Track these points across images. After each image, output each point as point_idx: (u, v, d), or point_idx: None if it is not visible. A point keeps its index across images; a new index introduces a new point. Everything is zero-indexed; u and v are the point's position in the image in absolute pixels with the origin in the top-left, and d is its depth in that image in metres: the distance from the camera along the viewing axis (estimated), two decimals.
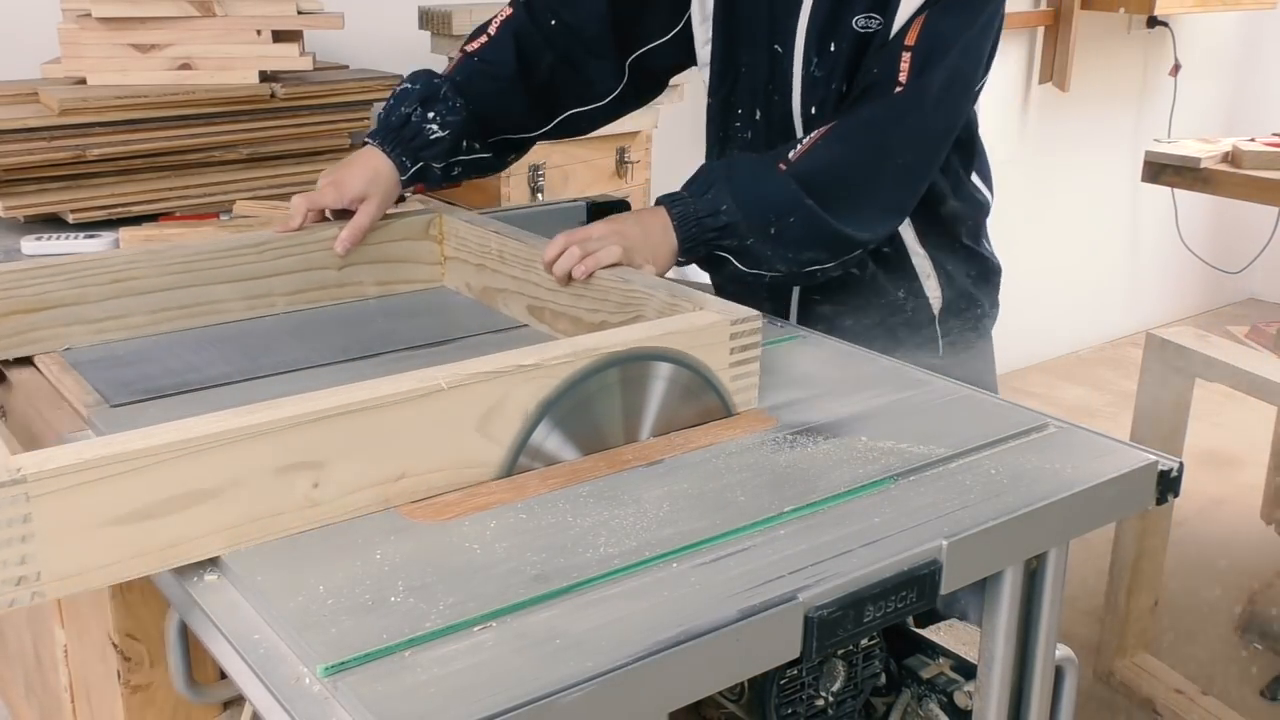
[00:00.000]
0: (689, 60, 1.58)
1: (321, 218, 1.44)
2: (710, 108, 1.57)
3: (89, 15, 1.77)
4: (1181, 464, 1.06)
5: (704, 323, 1.09)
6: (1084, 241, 4.18)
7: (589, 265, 1.25)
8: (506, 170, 2.23)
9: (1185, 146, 2.93)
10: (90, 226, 1.72)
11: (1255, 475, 3.03)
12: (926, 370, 1.28)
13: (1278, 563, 2.76)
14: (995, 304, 1.66)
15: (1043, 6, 3.75)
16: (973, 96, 1.43)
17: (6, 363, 1.26)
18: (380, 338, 1.34)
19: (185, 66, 1.82)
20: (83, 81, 1.80)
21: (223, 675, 0.97)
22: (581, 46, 1.54)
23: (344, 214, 1.43)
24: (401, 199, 1.53)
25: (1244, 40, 4.46)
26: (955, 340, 1.58)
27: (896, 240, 1.51)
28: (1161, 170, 2.89)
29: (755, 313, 1.12)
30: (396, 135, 1.45)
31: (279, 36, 1.85)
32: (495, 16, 1.55)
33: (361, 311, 1.43)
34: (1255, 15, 4.33)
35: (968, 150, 1.54)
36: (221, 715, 1.14)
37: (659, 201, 1.34)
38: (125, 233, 1.63)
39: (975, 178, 1.57)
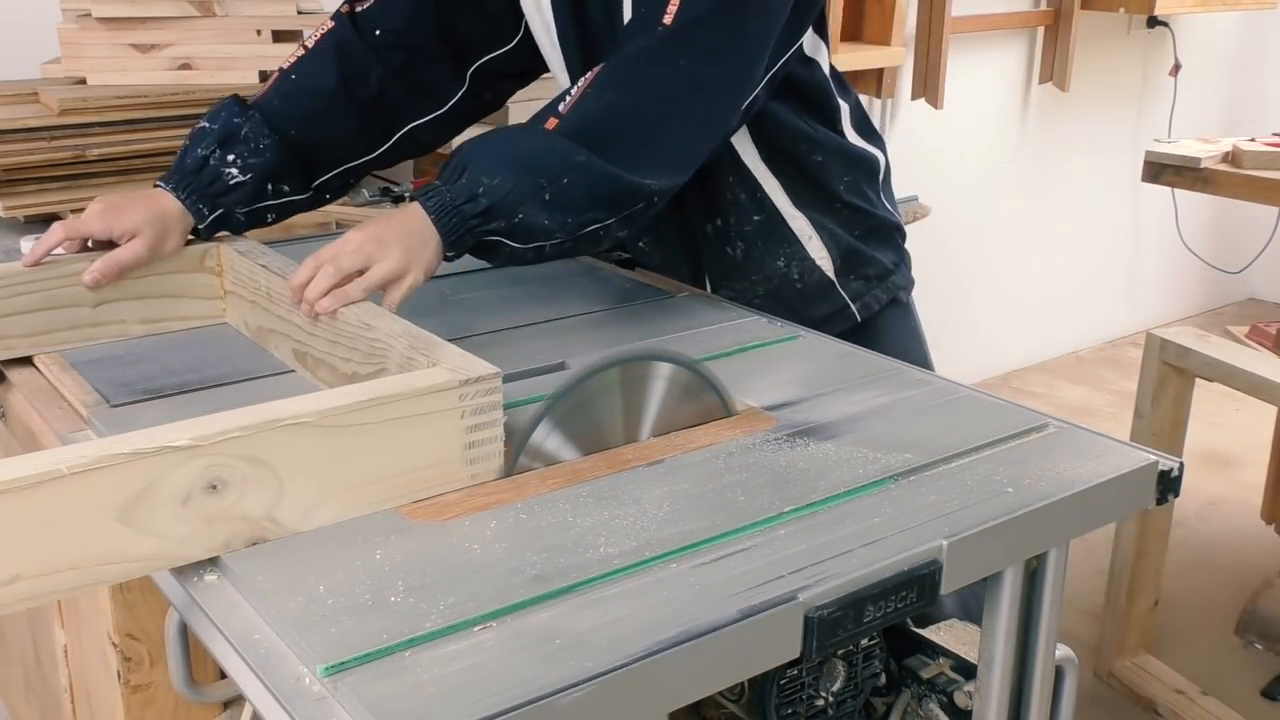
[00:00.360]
0: (537, 66, 1.52)
1: (83, 247, 1.29)
2: None
3: (89, 15, 1.77)
4: (1181, 464, 1.06)
5: (424, 384, 0.94)
6: (1084, 241, 4.18)
7: (331, 302, 1.13)
8: None
9: (1185, 146, 2.93)
10: None
11: (1255, 475, 3.03)
12: (925, 370, 1.28)
13: (1278, 563, 2.76)
14: (902, 263, 1.58)
15: (1043, 6, 3.75)
16: (767, 46, 1.31)
17: (6, 362, 1.26)
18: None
19: (185, 66, 1.82)
20: (83, 81, 1.80)
21: (223, 675, 0.97)
22: (412, 56, 1.45)
23: (107, 246, 1.28)
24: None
25: (1244, 40, 4.46)
26: (870, 303, 1.53)
27: (767, 206, 1.45)
28: (1161, 170, 2.88)
29: (494, 370, 0.98)
30: (192, 180, 1.33)
31: (279, 36, 1.85)
32: (317, 29, 1.45)
33: None
34: (1255, 15, 4.33)
35: (821, 105, 1.46)
36: (221, 715, 1.14)
37: (413, 197, 1.21)
38: None
39: (852, 134, 1.50)
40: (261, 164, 1.36)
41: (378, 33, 1.44)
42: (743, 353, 1.30)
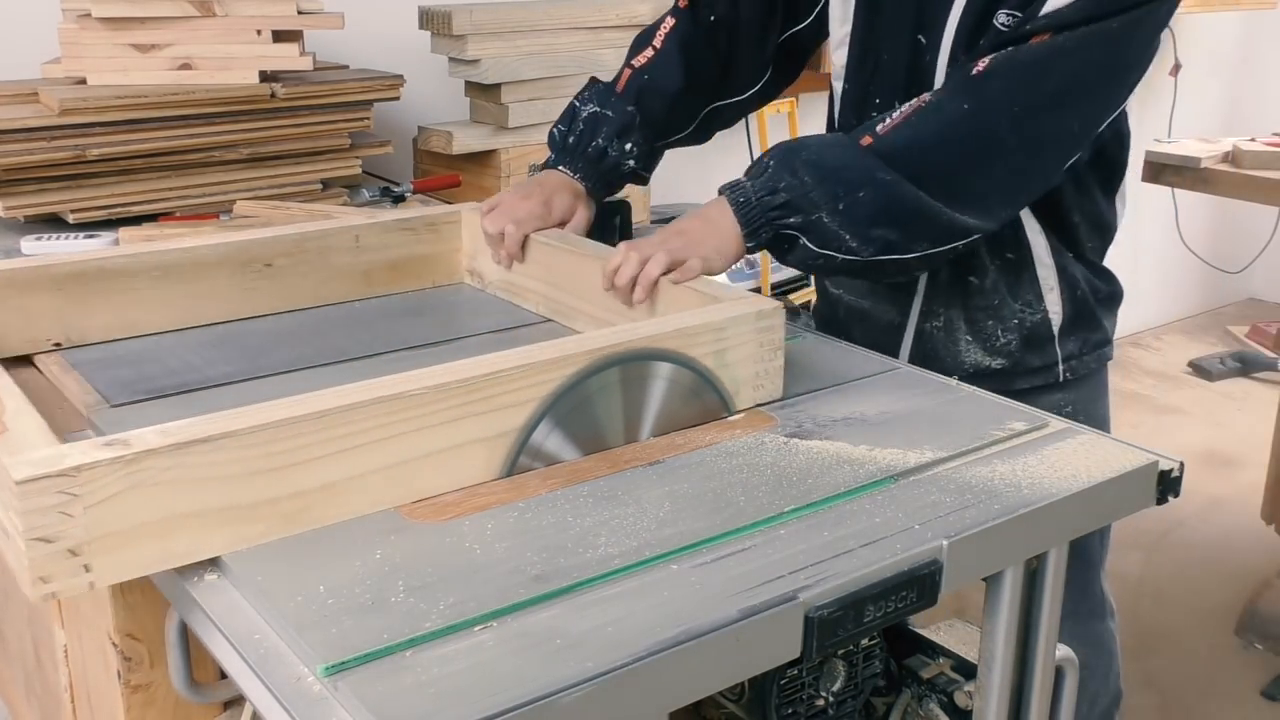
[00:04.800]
0: (823, 33, 1.56)
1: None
2: (845, 94, 1.52)
3: (89, 15, 1.77)
4: (1182, 464, 1.06)
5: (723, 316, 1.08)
6: None
7: (640, 293, 1.25)
8: (506, 171, 2.24)
9: (1185, 146, 2.93)
10: (90, 226, 1.72)
11: (1255, 475, 3.03)
12: (924, 370, 1.28)
13: (1278, 563, 2.76)
14: (1112, 335, 1.58)
15: None
16: (1110, 112, 1.34)
17: (6, 362, 1.26)
18: (379, 338, 1.34)
19: (185, 66, 1.82)
20: (83, 81, 1.80)
21: (223, 675, 0.97)
22: (733, 39, 1.54)
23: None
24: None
25: (1244, 40, 4.46)
26: (1078, 369, 1.51)
27: (1024, 248, 1.44)
28: (1162, 170, 2.88)
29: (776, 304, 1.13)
30: (594, 168, 1.48)
31: (279, 36, 1.85)
32: (659, 27, 1.55)
33: (361, 312, 1.43)
34: (1255, 15, 4.33)
35: (1112, 169, 1.48)
36: (222, 715, 1.14)
37: (720, 191, 1.32)
38: (125, 233, 1.63)
39: (1114, 200, 1.53)
40: (642, 153, 1.52)
41: (711, 18, 1.53)
42: None
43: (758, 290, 2.82)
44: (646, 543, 0.89)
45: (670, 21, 1.54)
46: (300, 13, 1.86)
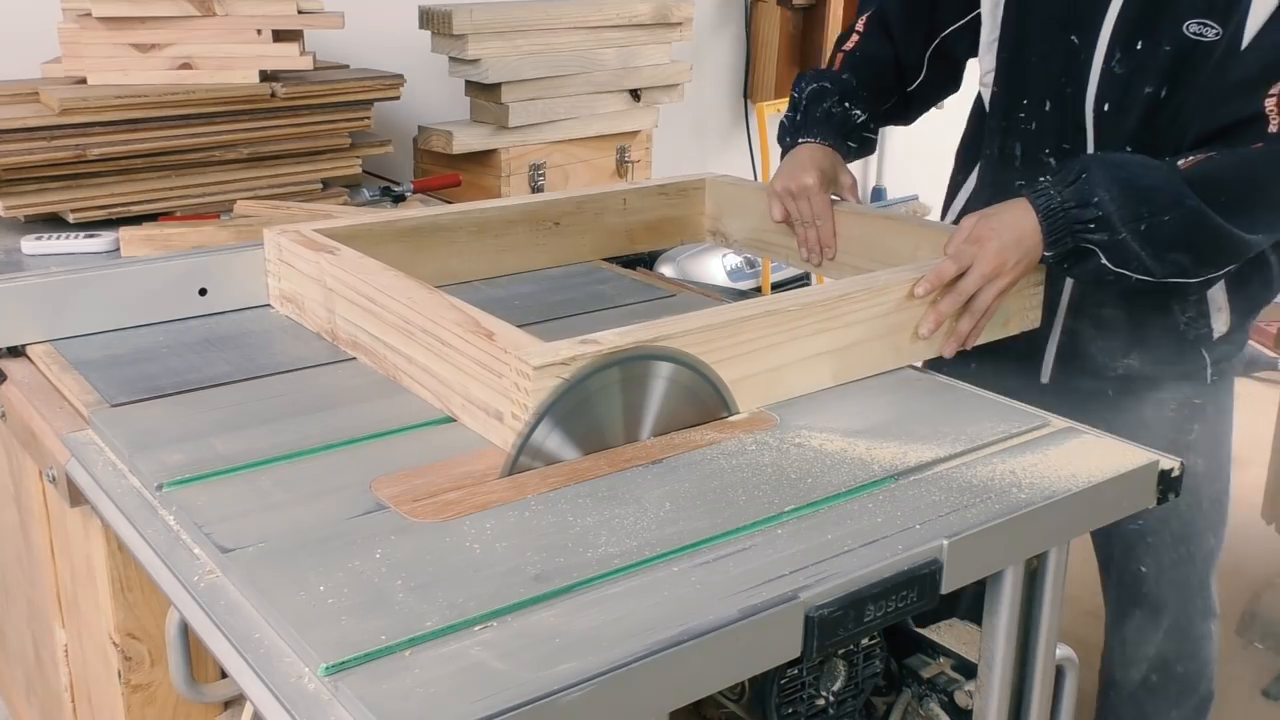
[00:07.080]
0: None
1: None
2: (994, 97, 1.54)
3: (89, 15, 1.77)
4: (1182, 464, 1.06)
5: None
6: None
7: (934, 331, 1.26)
8: (506, 170, 2.24)
9: None
10: (90, 226, 1.72)
11: (1255, 475, 3.03)
12: (924, 370, 1.28)
13: (1278, 562, 2.76)
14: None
15: None
16: None
17: (7, 360, 1.26)
18: None
19: (185, 66, 1.82)
20: (83, 81, 1.80)
21: (223, 675, 0.97)
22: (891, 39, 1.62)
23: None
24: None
25: None
26: (1224, 370, 1.52)
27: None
28: None
29: None
30: (824, 126, 1.56)
31: (279, 36, 1.85)
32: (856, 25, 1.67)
33: None
34: None
35: None
36: (222, 715, 1.14)
37: (1022, 193, 1.30)
38: (125, 232, 1.63)
39: None
40: (866, 105, 1.59)
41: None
42: None
43: (758, 290, 2.82)
44: (646, 542, 0.89)
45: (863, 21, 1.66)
46: (300, 12, 1.86)
